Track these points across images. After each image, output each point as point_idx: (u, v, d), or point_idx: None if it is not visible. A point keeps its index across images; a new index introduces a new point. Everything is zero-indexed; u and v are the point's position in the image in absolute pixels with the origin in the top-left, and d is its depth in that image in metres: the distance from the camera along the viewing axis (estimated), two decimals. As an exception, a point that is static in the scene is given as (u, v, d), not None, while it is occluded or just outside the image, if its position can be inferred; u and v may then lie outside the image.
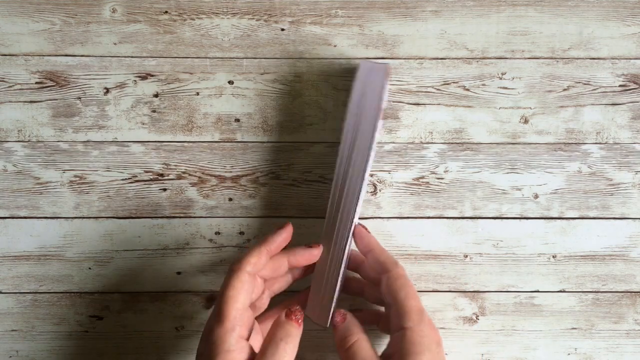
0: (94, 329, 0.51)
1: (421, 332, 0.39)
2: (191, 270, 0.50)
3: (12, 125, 0.49)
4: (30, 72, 0.48)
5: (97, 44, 0.48)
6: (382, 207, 0.50)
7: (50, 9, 0.48)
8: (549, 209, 0.50)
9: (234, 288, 0.38)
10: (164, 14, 0.48)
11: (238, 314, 0.38)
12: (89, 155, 0.49)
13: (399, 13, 0.48)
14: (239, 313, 0.38)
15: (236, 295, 0.38)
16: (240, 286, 0.38)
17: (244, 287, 0.38)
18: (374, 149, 0.44)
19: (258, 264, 0.40)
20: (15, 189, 0.49)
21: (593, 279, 0.50)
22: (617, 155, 0.50)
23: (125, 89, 0.49)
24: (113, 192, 0.49)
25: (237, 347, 0.37)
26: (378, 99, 0.43)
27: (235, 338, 0.37)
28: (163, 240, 0.50)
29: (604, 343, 0.51)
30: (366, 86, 0.44)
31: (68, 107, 0.49)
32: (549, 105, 0.49)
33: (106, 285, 0.50)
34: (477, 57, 0.49)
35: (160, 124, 0.49)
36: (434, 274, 0.50)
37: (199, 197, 0.50)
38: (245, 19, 0.48)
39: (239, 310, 0.38)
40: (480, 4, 0.48)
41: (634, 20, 0.48)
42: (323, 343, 0.51)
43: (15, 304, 0.50)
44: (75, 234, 0.50)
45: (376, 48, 0.48)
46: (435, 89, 0.49)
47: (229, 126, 0.49)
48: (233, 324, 0.37)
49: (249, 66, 0.49)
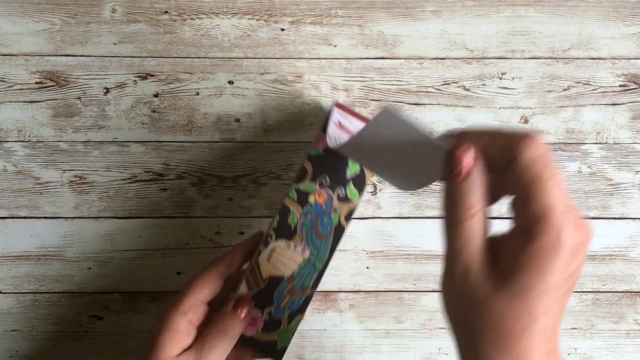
0: (94, 329, 0.51)
1: (561, 234, 0.28)
2: (191, 270, 0.50)
3: (12, 125, 0.49)
4: (30, 72, 0.48)
5: (97, 44, 0.48)
6: (382, 207, 0.50)
7: (50, 9, 0.48)
8: (549, 209, 0.50)
9: (199, 280, 0.41)
10: (164, 14, 0.48)
11: (194, 304, 0.40)
12: (89, 155, 0.49)
13: (399, 13, 0.48)
14: (195, 303, 0.40)
15: (198, 289, 0.40)
16: (202, 285, 0.40)
17: (205, 285, 0.41)
18: None
19: (231, 266, 0.42)
20: (15, 189, 0.49)
21: (593, 279, 0.50)
22: (617, 155, 0.50)
23: (125, 89, 0.49)
24: (113, 192, 0.49)
25: (185, 330, 0.39)
26: None
27: (185, 323, 0.39)
28: (163, 240, 0.50)
29: (604, 343, 0.51)
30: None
31: (68, 107, 0.49)
32: (549, 105, 0.49)
33: (106, 285, 0.50)
34: (477, 57, 0.49)
35: (160, 124, 0.49)
36: (434, 274, 0.50)
37: (199, 197, 0.50)
38: (245, 19, 0.48)
39: (196, 299, 0.40)
40: (480, 4, 0.48)
41: (634, 20, 0.48)
42: (323, 343, 0.51)
43: (15, 304, 0.50)
44: (75, 234, 0.50)
45: (376, 48, 0.48)
46: (435, 89, 0.49)
47: (229, 126, 0.49)
48: (186, 309, 0.39)
49: (249, 66, 0.49)
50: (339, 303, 0.51)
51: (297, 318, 0.43)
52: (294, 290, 0.43)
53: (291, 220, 0.43)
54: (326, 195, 0.43)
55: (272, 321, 0.42)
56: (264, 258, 0.42)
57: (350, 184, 0.43)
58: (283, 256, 0.43)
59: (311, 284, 0.43)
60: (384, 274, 0.50)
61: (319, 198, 0.43)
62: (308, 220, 0.43)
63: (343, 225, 0.43)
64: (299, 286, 0.43)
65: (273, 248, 0.42)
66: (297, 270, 0.43)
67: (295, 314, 0.43)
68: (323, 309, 0.51)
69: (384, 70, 0.49)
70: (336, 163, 0.43)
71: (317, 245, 0.43)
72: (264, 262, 0.42)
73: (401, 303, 0.51)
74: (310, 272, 0.43)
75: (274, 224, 0.42)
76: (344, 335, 0.51)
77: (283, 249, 0.43)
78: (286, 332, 0.43)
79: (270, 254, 0.42)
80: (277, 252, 0.43)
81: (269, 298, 0.42)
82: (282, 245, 0.43)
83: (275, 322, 0.42)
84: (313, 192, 0.43)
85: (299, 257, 0.43)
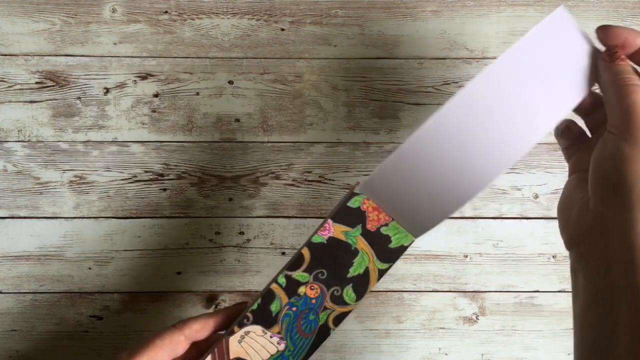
0: (94, 329, 0.51)
1: None
2: (191, 270, 0.50)
3: (12, 125, 0.49)
4: (30, 72, 0.48)
5: (97, 44, 0.48)
6: (382, 207, 0.50)
7: (50, 9, 0.48)
8: (549, 209, 0.50)
9: (159, 340, 0.38)
10: (164, 14, 0.48)
11: None
12: (89, 155, 0.49)
13: (399, 13, 0.48)
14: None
15: (157, 348, 0.38)
16: (162, 345, 0.38)
17: (166, 346, 0.38)
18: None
19: (200, 333, 0.39)
20: (15, 189, 0.49)
21: (593, 279, 0.50)
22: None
23: (125, 89, 0.49)
24: (113, 192, 0.49)
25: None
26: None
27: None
28: (163, 240, 0.50)
29: (604, 343, 0.51)
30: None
31: (68, 107, 0.49)
32: (549, 105, 0.49)
33: (106, 285, 0.50)
34: (477, 57, 0.49)
35: (160, 124, 0.49)
36: (434, 274, 0.50)
37: (199, 197, 0.50)
38: (245, 19, 0.48)
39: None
40: (480, 4, 0.48)
41: (633, 20, 0.48)
42: (323, 343, 0.51)
43: (15, 304, 0.50)
44: (75, 234, 0.50)
45: (376, 48, 0.48)
46: (435, 89, 0.49)
47: (229, 126, 0.49)
48: None
49: (249, 66, 0.49)
50: (339, 303, 0.51)
51: None
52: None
53: (274, 307, 0.39)
54: (319, 291, 0.39)
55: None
56: (235, 339, 0.39)
57: (349, 285, 0.39)
58: (256, 342, 0.39)
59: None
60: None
61: (310, 292, 0.39)
62: (292, 312, 0.39)
63: (330, 327, 0.39)
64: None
65: (247, 331, 0.39)
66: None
67: None
68: (323, 309, 0.51)
69: (384, 70, 0.49)
70: (339, 258, 0.39)
71: (296, 341, 0.39)
72: (234, 344, 0.39)
73: (401, 303, 0.51)
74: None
75: (253, 306, 0.39)
76: (344, 335, 0.51)
77: (258, 335, 0.39)
78: None
79: (243, 337, 0.39)
80: (250, 337, 0.39)
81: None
82: (258, 330, 0.39)
83: None
84: (305, 284, 0.39)
85: (272, 349, 0.39)
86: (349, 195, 0.38)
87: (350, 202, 0.38)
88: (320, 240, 0.38)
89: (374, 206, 0.38)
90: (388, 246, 0.38)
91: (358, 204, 0.38)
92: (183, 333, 0.38)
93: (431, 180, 0.35)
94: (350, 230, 0.38)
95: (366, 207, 0.38)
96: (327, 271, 0.39)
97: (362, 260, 0.39)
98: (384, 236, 0.38)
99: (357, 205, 0.38)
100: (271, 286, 0.39)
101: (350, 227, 0.38)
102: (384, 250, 0.38)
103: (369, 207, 0.38)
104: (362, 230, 0.38)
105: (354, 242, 0.38)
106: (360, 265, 0.39)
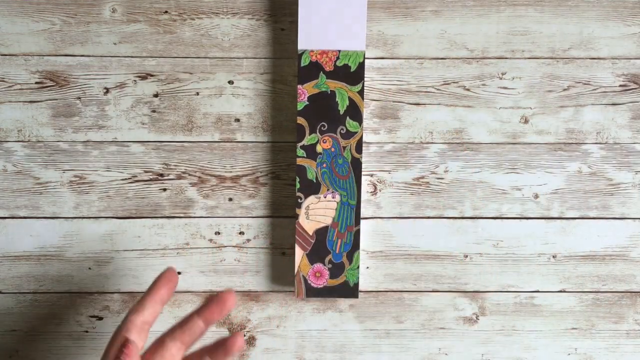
0: (94, 329, 0.51)
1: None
2: (191, 270, 0.50)
3: (12, 125, 0.49)
4: (30, 72, 0.48)
5: (97, 44, 0.48)
6: (382, 207, 0.50)
7: (50, 9, 0.48)
8: (549, 209, 0.50)
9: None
10: (164, 14, 0.48)
11: None
12: (89, 155, 0.49)
13: (399, 13, 0.48)
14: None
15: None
16: None
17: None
18: None
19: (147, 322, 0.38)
20: (15, 189, 0.49)
21: (593, 279, 0.50)
22: (617, 155, 0.50)
23: (125, 89, 0.49)
24: (113, 192, 0.49)
25: None
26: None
27: None
28: (163, 240, 0.50)
29: (604, 343, 0.51)
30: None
31: (68, 107, 0.49)
32: (549, 105, 0.49)
33: (106, 285, 0.50)
34: (477, 57, 0.49)
35: (160, 124, 0.49)
36: (434, 274, 0.50)
37: (199, 197, 0.50)
38: (245, 19, 0.48)
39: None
40: (480, 4, 0.48)
41: (634, 20, 0.48)
42: (323, 343, 0.51)
43: (15, 304, 0.50)
44: (75, 234, 0.50)
45: (376, 48, 0.48)
46: (435, 89, 0.49)
47: (229, 126, 0.49)
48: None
49: (249, 66, 0.49)
50: (339, 303, 0.51)
51: (355, 254, 0.47)
52: (341, 233, 0.47)
53: (310, 175, 0.47)
54: (330, 139, 0.46)
55: (335, 266, 0.47)
56: (303, 218, 0.47)
57: (347, 118, 0.46)
58: (318, 209, 0.47)
59: (354, 222, 0.47)
60: (384, 274, 0.50)
61: (325, 145, 0.46)
62: (324, 168, 0.46)
63: (357, 157, 0.46)
64: (344, 227, 0.47)
65: (307, 206, 0.47)
66: (336, 215, 0.47)
67: (352, 252, 0.47)
68: (323, 309, 0.51)
69: (384, 70, 0.49)
70: (325, 106, 0.46)
71: (343, 185, 0.47)
72: (305, 221, 0.47)
73: (401, 303, 0.51)
74: (348, 211, 0.47)
75: (297, 186, 0.46)
76: (344, 335, 0.51)
77: (315, 203, 0.47)
78: (352, 271, 0.47)
79: (307, 212, 0.47)
80: (311, 208, 0.47)
81: (323, 249, 0.47)
82: (313, 200, 0.47)
83: (339, 266, 0.47)
84: (318, 142, 0.46)
85: (332, 204, 0.47)
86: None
87: (302, 62, 0.45)
88: (303, 105, 0.46)
89: (319, 52, 0.46)
90: (350, 71, 0.46)
91: (308, 60, 0.46)
92: (133, 335, 0.37)
93: None
94: (317, 82, 0.46)
95: (315, 57, 0.46)
96: (325, 121, 0.46)
97: (341, 95, 0.46)
98: (344, 66, 0.46)
99: (308, 61, 0.46)
100: (297, 162, 0.46)
101: (316, 79, 0.46)
102: (350, 76, 0.46)
103: (315, 55, 0.46)
104: (326, 74, 0.46)
105: (326, 87, 0.46)
106: (344, 99, 0.46)
